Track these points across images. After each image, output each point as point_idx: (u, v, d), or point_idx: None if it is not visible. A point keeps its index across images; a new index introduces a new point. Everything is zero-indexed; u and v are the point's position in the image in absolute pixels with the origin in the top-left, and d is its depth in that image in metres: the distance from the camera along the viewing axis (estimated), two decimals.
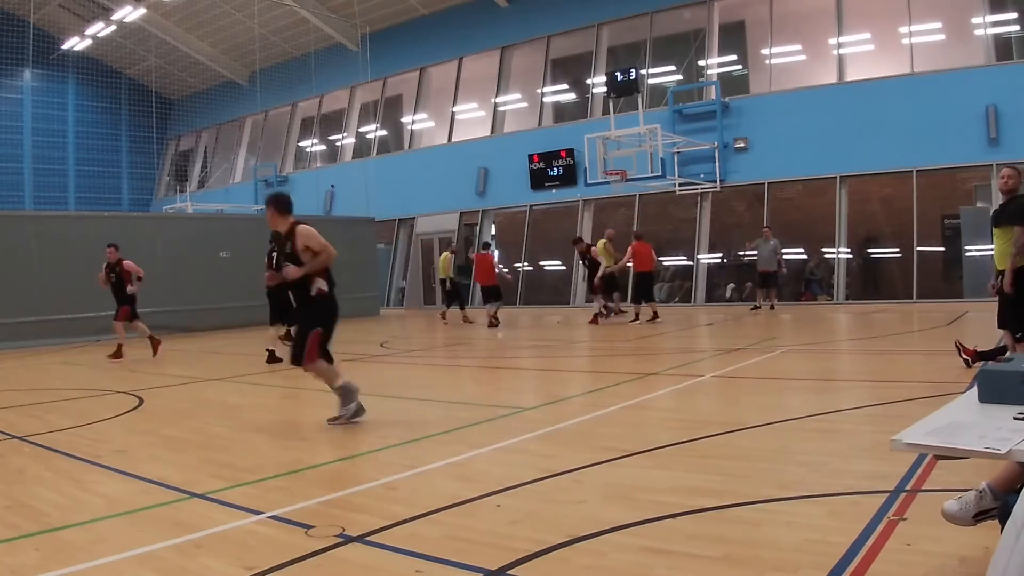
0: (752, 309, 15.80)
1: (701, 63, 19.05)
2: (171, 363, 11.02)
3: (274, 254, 6.47)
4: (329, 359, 5.76)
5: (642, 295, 14.21)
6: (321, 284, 5.63)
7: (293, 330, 7.19)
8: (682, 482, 3.85)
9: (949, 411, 2.37)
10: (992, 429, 2.09)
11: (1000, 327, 6.43)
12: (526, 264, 21.22)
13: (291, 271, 5.54)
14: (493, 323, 14.83)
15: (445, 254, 17.11)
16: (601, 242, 15.09)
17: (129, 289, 11.28)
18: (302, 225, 5.68)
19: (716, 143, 17.83)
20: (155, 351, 11.51)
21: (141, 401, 7.31)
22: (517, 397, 7.35)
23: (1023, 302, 6.07)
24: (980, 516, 2.44)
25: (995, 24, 15.65)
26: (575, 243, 16.44)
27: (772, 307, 15.72)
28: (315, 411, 6.68)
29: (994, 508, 2.41)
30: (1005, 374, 2.38)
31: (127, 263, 11.33)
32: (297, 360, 5.66)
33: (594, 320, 14.30)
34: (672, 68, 19.73)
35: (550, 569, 2.82)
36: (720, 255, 18.51)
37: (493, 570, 2.80)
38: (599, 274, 14.74)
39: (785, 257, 18.01)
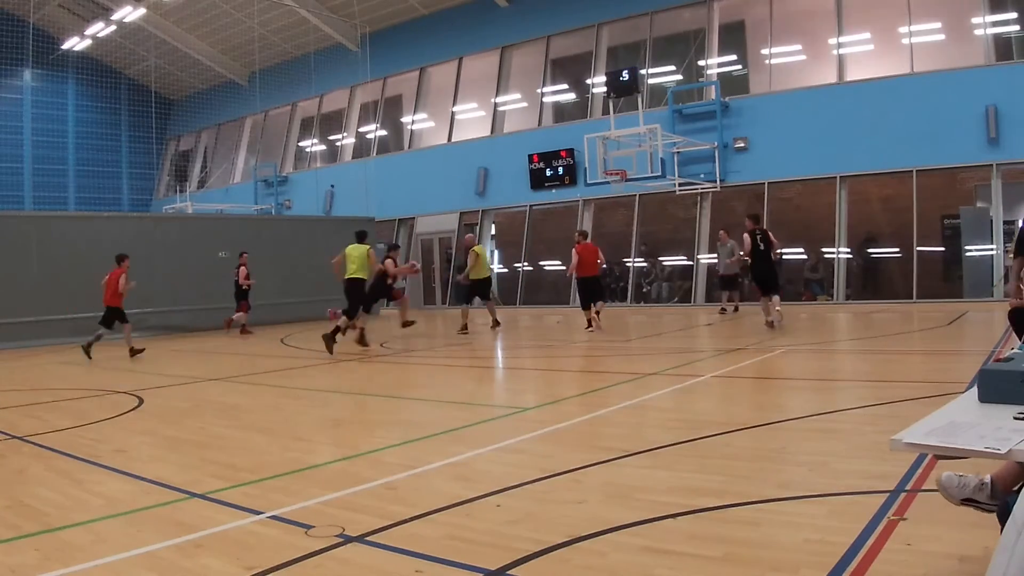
0: (719, 312, 15.54)
1: (701, 63, 19.04)
2: (171, 363, 11.03)
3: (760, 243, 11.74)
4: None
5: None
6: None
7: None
8: (682, 482, 3.85)
9: (949, 411, 2.37)
10: (992, 429, 2.09)
11: None
12: (526, 264, 21.22)
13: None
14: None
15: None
16: None
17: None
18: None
19: (716, 143, 17.83)
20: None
21: (141, 401, 7.31)
22: (517, 397, 7.35)
23: None
24: (968, 502, 2.43)
25: (995, 24, 15.64)
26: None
27: (736, 309, 15.55)
28: (315, 411, 6.69)
29: (984, 503, 2.40)
30: (1005, 374, 2.38)
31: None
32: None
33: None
34: (672, 68, 19.72)
35: (550, 569, 2.82)
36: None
37: (493, 570, 2.80)
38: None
39: (785, 257, 18.06)
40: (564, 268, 20.49)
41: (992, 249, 15.11)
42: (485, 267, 14.31)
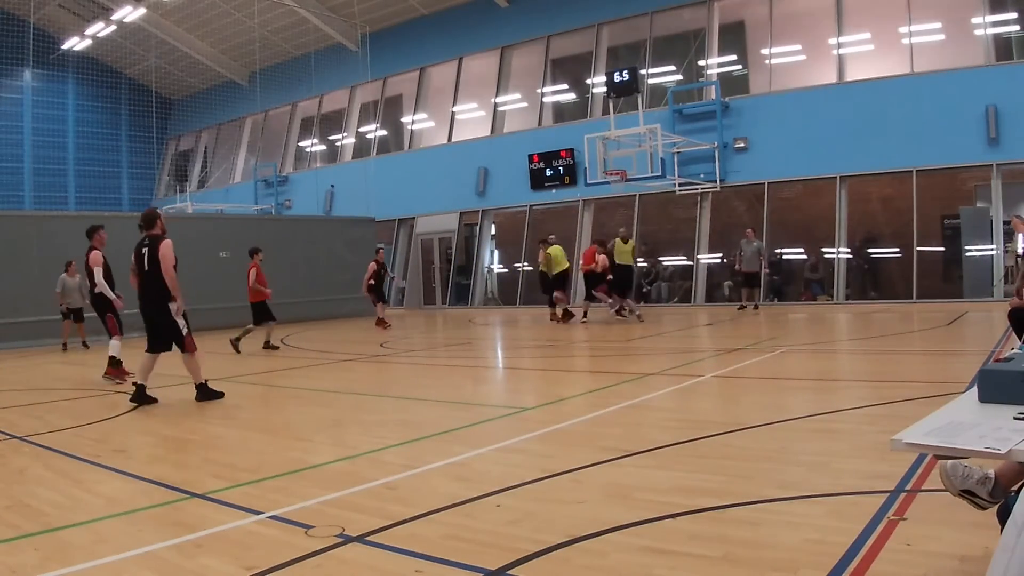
0: (738, 309, 16.19)
1: (701, 63, 19.04)
2: (171, 363, 11.00)
3: None
4: None
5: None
6: None
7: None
8: (682, 482, 3.85)
9: (949, 411, 2.37)
10: (992, 429, 2.09)
11: None
12: (526, 264, 21.21)
13: None
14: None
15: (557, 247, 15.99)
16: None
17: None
18: None
19: (716, 143, 17.83)
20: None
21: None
22: (517, 397, 7.35)
23: None
24: (966, 494, 2.43)
25: (995, 24, 15.64)
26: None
27: (756, 307, 16.16)
28: (315, 411, 6.68)
29: (983, 499, 2.40)
30: (1005, 374, 2.38)
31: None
32: None
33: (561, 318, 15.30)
34: (672, 68, 19.72)
35: (550, 569, 2.82)
36: (720, 255, 18.53)
37: (493, 570, 2.80)
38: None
39: (785, 257, 18.10)
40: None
41: (992, 249, 15.10)
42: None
